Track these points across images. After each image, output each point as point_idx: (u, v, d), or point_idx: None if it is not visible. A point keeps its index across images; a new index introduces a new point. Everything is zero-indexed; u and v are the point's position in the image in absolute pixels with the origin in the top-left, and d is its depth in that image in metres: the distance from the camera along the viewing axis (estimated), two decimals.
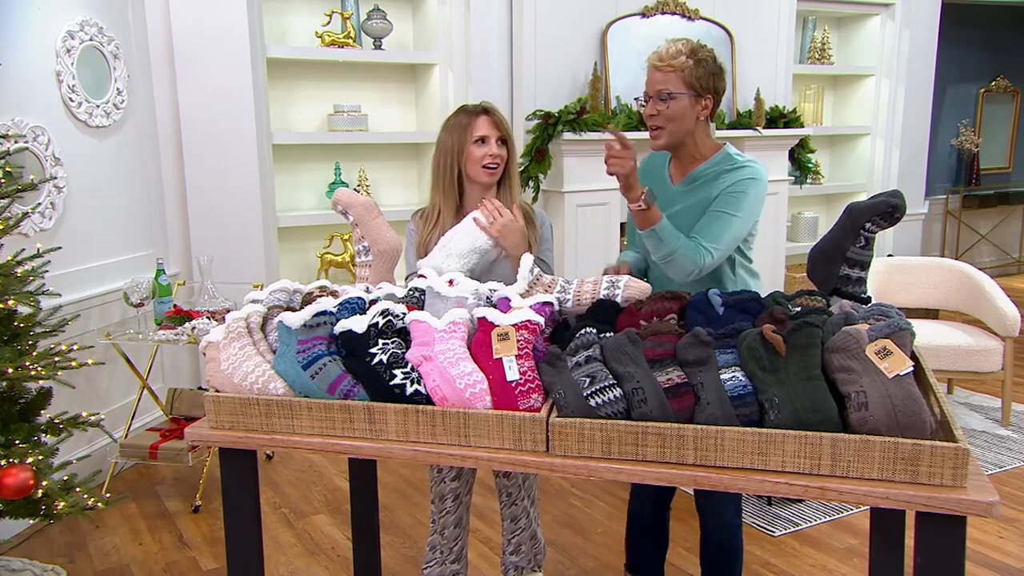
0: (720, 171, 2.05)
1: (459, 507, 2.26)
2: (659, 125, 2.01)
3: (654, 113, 2.00)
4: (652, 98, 2.00)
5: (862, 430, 1.36)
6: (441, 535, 2.27)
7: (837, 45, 5.99)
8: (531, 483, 2.33)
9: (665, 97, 1.98)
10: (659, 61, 1.99)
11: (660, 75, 1.98)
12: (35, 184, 2.40)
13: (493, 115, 2.10)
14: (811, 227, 5.88)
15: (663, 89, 1.98)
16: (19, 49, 3.00)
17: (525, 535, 2.34)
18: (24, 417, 2.25)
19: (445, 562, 2.29)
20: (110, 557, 2.88)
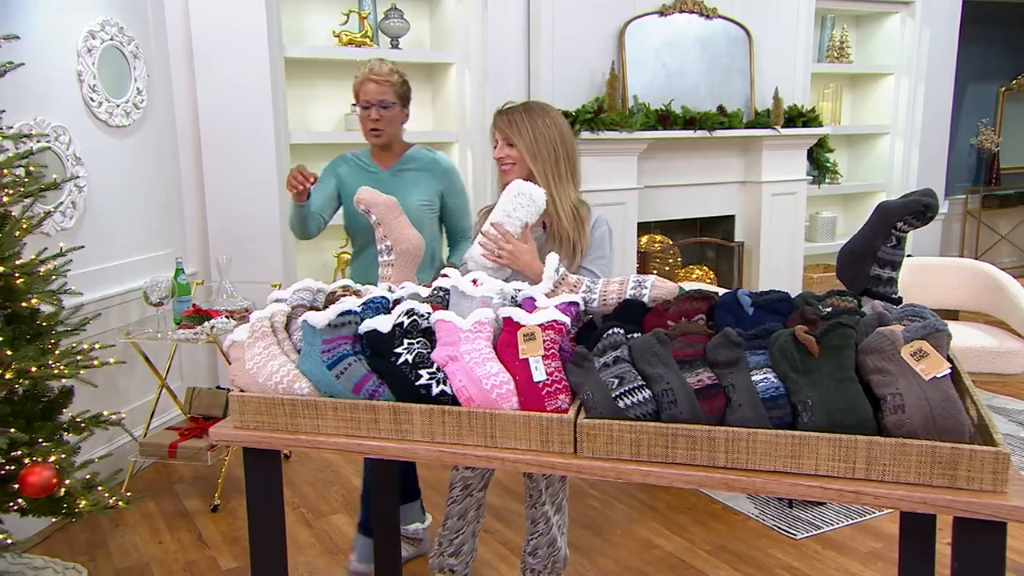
0: (428, 160, 2.56)
1: (466, 499, 2.27)
2: (381, 128, 2.45)
3: (378, 118, 2.43)
4: (374, 106, 2.42)
5: (898, 433, 1.33)
6: (444, 524, 2.31)
7: (856, 43, 5.94)
8: (556, 490, 2.30)
9: (388, 105, 2.43)
10: (377, 76, 2.41)
11: (379, 88, 2.41)
12: (58, 184, 2.40)
13: (496, 117, 2.19)
14: (829, 227, 5.84)
15: (384, 99, 2.42)
16: (41, 49, 3.01)
17: (542, 539, 2.31)
18: (47, 415, 2.25)
19: (443, 554, 2.30)
20: (130, 556, 2.88)
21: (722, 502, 3.22)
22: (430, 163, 2.55)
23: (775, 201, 5.02)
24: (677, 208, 4.89)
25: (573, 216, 2.14)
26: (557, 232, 2.13)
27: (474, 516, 2.30)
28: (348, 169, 2.54)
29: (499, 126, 2.17)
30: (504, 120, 2.16)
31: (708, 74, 4.75)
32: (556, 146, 2.13)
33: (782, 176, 5.03)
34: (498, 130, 2.18)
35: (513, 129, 2.13)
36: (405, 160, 2.53)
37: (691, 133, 4.59)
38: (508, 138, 2.15)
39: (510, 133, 2.14)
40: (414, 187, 2.49)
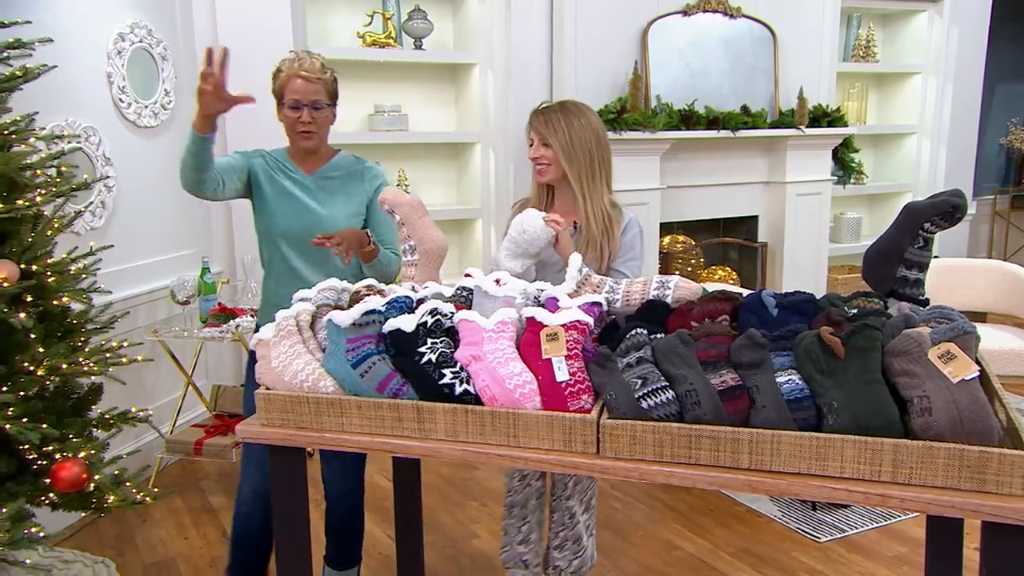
0: (357, 169, 2.32)
1: (525, 488, 2.29)
2: (313, 131, 2.20)
3: (310, 120, 2.17)
4: (306, 107, 2.16)
5: (925, 436, 1.32)
6: (509, 514, 2.34)
7: (882, 42, 5.87)
8: (584, 487, 2.30)
9: (321, 106, 2.19)
10: (308, 74, 2.15)
11: (311, 86, 2.15)
12: (88, 184, 2.44)
13: (534, 116, 2.19)
14: (854, 228, 5.78)
15: (317, 100, 2.18)
16: (73, 51, 3.06)
17: (567, 534, 2.31)
18: (77, 412, 2.29)
19: (513, 543, 2.33)
20: (157, 551, 2.93)
21: (745, 504, 3.21)
22: (359, 172, 2.31)
23: (799, 201, 4.98)
24: (700, 208, 4.87)
25: (603, 219, 2.15)
26: (585, 234, 2.13)
27: (536, 505, 2.32)
28: (266, 166, 2.27)
29: (535, 126, 2.16)
30: (540, 120, 2.16)
31: (732, 74, 4.72)
32: (591, 148, 2.14)
33: (806, 176, 4.99)
34: (534, 130, 2.17)
35: (549, 129, 2.13)
36: (332, 167, 2.29)
37: (714, 133, 4.57)
38: (544, 138, 2.15)
39: (546, 133, 2.14)
40: (343, 197, 2.27)
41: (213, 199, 2.19)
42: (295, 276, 2.21)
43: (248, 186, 2.24)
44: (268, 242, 2.26)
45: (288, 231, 2.21)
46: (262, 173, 2.25)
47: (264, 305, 2.34)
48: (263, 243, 2.29)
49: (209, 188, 2.12)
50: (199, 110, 1.96)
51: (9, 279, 2.02)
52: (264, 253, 2.30)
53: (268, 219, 2.23)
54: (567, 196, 2.20)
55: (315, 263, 2.22)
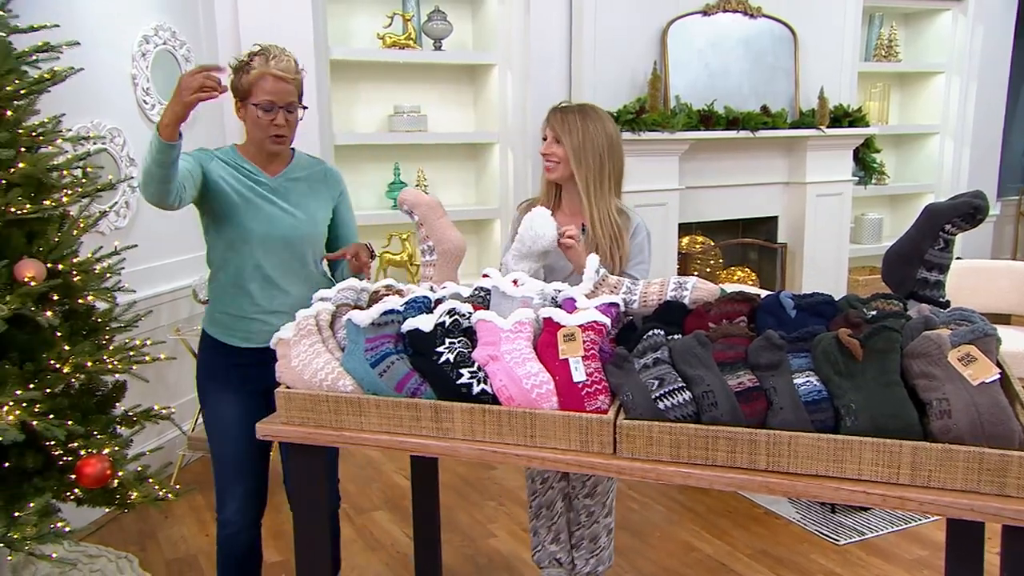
0: (320, 171, 2.20)
1: (548, 490, 2.31)
2: (286, 134, 2.04)
3: (283, 123, 2.01)
4: (281, 108, 2.00)
5: (944, 439, 1.31)
6: (537, 517, 2.36)
7: (905, 42, 5.81)
8: (604, 488, 2.30)
9: (293, 108, 2.03)
10: (284, 73, 1.98)
11: (286, 87, 1.99)
12: (113, 184, 2.48)
13: (551, 114, 2.20)
14: (875, 229, 5.73)
15: (292, 102, 2.03)
16: (99, 54, 3.10)
17: (583, 532, 2.34)
18: (101, 409, 2.32)
19: (544, 544, 2.36)
20: (178, 547, 2.96)
21: (764, 506, 3.19)
22: (322, 172, 2.20)
23: (819, 202, 4.95)
24: (719, 209, 4.85)
25: (611, 226, 2.15)
26: (592, 238, 2.13)
27: (563, 506, 2.34)
28: (225, 169, 2.05)
29: (551, 123, 2.18)
30: (557, 118, 2.17)
31: (752, 74, 4.70)
32: (603, 153, 2.14)
33: (827, 177, 4.95)
34: (550, 126, 2.18)
35: (564, 128, 2.15)
36: (295, 167, 2.13)
37: (734, 133, 4.54)
38: (557, 136, 2.16)
39: (560, 132, 2.15)
40: (313, 199, 2.13)
41: (173, 209, 1.95)
42: (270, 283, 2.05)
43: (201, 191, 2.02)
44: (236, 249, 2.04)
45: (266, 237, 2.03)
46: (226, 176, 2.04)
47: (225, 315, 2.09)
48: (228, 250, 2.06)
49: (175, 198, 1.90)
50: (176, 113, 1.77)
51: (36, 278, 2.05)
52: (228, 261, 2.06)
53: (239, 225, 2.02)
54: (575, 196, 2.20)
55: (291, 270, 2.08)
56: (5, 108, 2.12)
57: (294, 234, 2.06)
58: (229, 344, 2.08)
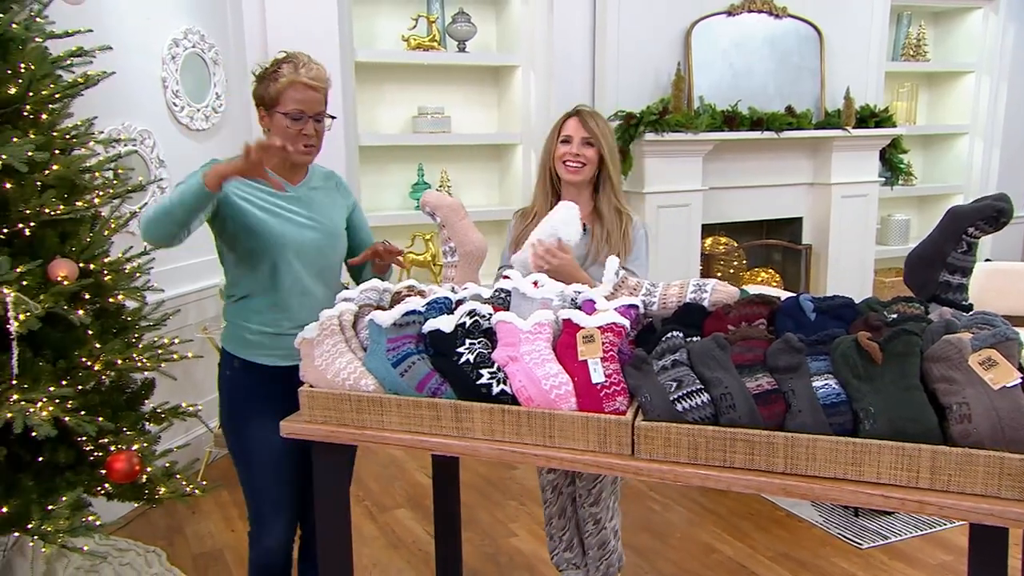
0: (333, 181, 2.13)
1: (560, 498, 2.33)
2: (315, 144, 1.98)
3: (312, 133, 1.94)
4: (311, 118, 1.93)
5: (964, 443, 1.31)
6: (549, 524, 2.38)
7: (934, 41, 5.74)
8: (607, 494, 2.30)
9: (321, 118, 1.96)
10: (316, 82, 1.92)
11: (315, 95, 1.92)
12: (143, 186, 2.53)
13: (582, 116, 2.18)
14: (902, 230, 5.67)
15: (321, 111, 1.95)
16: (129, 57, 3.17)
17: (592, 540, 2.33)
18: (130, 406, 2.37)
19: (559, 550, 2.39)
20: (205, 542, 3.02)
21: (785, 509, 3.18)
22: (335, 182, 2.14)
23: (845, 203, 4.91)
24: (743, 210, 4.83)
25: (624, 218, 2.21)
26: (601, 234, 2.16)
27: (572, 510, 2.36)
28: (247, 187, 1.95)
29: (587, 126, 2.16)
30: (592, 120, 2.17)
31: (776, 74, 4.68)
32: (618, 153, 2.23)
33: (853, 178, 4.91)
34: (584, 127, 2.16)
35: (599, 131, 2.16)
36: (312, 177, 2.06)
37: (758, 134, 4.52)
38: (592, 137, 2.15)
39: (597, 133, 2.15)
40: (332, 207, 2.08)
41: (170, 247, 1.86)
42: (307, 295, 1.97)
43: (220, 217, 1.93)
44: (269, 261, 1.94)
45: (300, 249, 1.96)
46: (249, 196, 1.94)
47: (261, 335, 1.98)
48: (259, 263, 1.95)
49: (181, 240, 1.83)
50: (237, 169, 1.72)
51: (69, 277, 2.10)
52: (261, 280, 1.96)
53: (269, 237, 1.93)
54: (580, 199, 2.19)
55: (324, 280, 2.03)
56: (40, 111, 2.18)
57: (326, 243, 2.02)
58: (267, 364, 1.96)
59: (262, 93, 1.94)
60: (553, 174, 2.23)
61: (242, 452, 2.02)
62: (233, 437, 2.03)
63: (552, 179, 2.24)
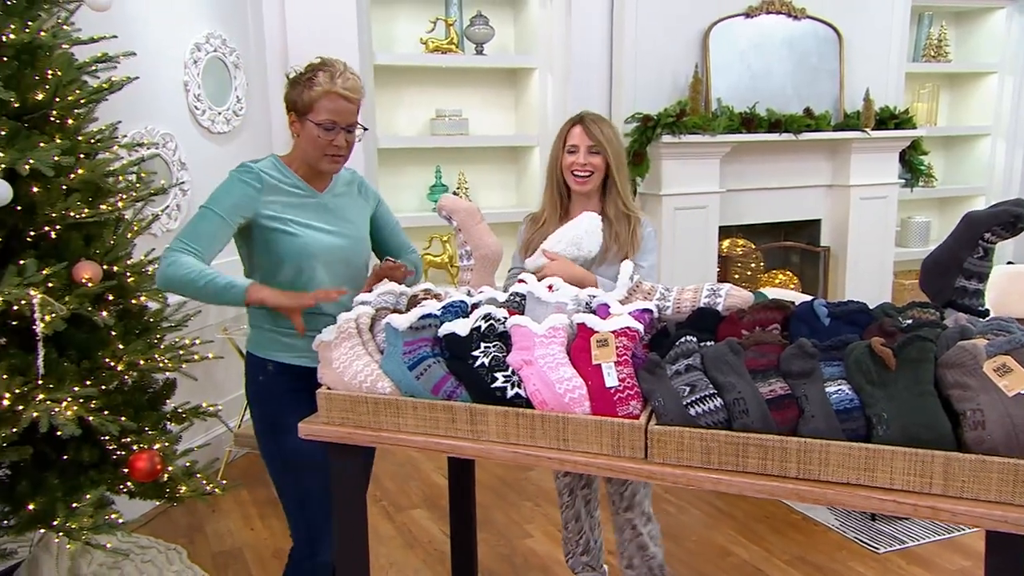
0: (356, 184, 2.11)
1: (576, 501, 2.32)
2: (344, 155, 1.95)
3: (343, 144, 1.92)
4: (343, 129, 1.90)
5: (978, 450, 1.31)
6: (565, 528, 2.37)
7: (955, 41, 5.69)
8: (641, 498, 2.25)
9: (353, 129, 1.93)
10: (351, 93, 1.89)
11: (349, 106, 1.89)
12: (166, 189, 2.57)
13: (585, 124, 2.14)
14: (922, 232, 5.62)
15: (353, 122, 1.92)
16: (152, 62, 3.22)
17: (631, 546, 2.27)
18: (152, 406, 2.42)
19: (574, 554, 2.38)
20: (224, 540, 3.06)
21: (802, 512, 3.17)
22: (357, 185, 2.11)
23: (864, 205, 4.88)
24: (761, 212, 4.82)
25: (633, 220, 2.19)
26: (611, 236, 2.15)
27: (586, 513, 2.35)
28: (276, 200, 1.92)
29: (591, 133, 2.12)
30: (596, 129, 2.13)
31: (795, 75, 4.66)
32: (625, 155, 2.22)
33: (872, 180, 4.88)
34: (588, 136, 2.12)
35: (604, 138, 2.12)
36: (338, 182, 2.04)
37: (776, 136, 4.51)
38: (597, 145, 2.12)
39: (603, 140, 2.12)
40: (358, 213, 2.07)
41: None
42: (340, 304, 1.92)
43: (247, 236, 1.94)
44: (298, 272, 1.93)
45: (329, 254, 1.95)
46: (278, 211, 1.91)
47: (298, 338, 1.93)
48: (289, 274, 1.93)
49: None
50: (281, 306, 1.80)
51: (93, 279, 2.15)
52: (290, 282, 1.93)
53: (298, 252, 1.91)
54: (589, 204, 2.18)
55: (353, 282, 2.01)
56: (66, 117, 2.23)
57: (352, 250, 2.02)
58: (304, 366, 1.92)
59: (295, 99, 1.90)
60: (561, 181, 2.20)
61: (290, 458, 1.94)
62: (274, 443, 1.96)
63: (560, 186, 2.21)
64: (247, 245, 1.96)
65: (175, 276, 1.79)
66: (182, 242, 1.83)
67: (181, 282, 1.79)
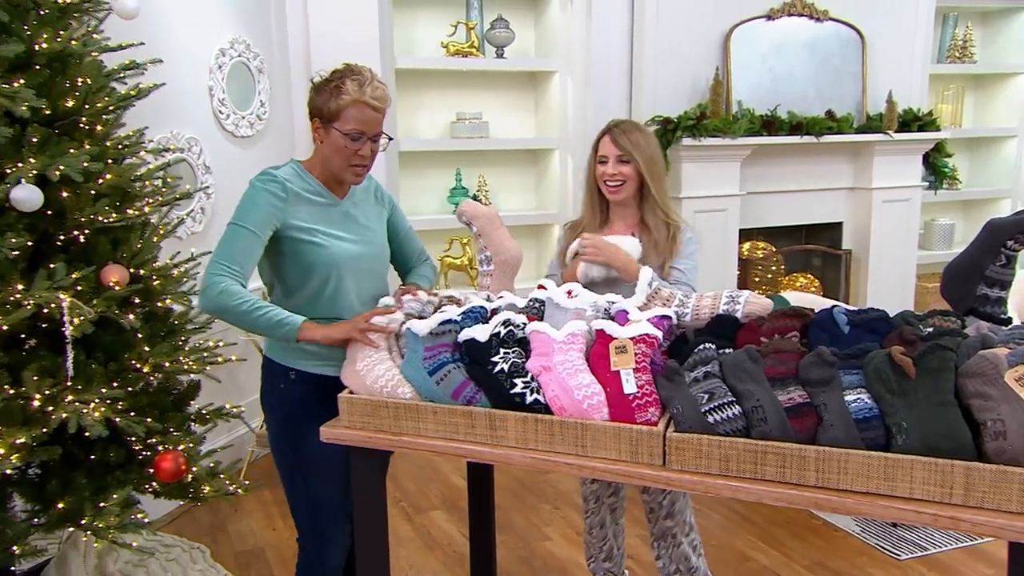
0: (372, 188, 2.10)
1: (601, 508, 2.30)
2: (368, 164, 1.94)
3: (368, 154, 1.91)
4: (370, 139, 1.90)
5: (999, 460, 1.30)
6: (589, 534, 2.35)
7: (981, 42, 5.62)
8: (682, 506, 2.21)
9: (378, 139, 1.92)
10: (379, 103, 1.88)
11: (376, 116, 1.89)
12: (191, 193, 2.61)
13: (613, 134, 2.14)
14: (946, 235, 5.56)
15: (380, 132, 1.92)
16: (178, 68, 3.27)
17: (674, 556, 2.22)
18: (177, 407, 2.45)
19: (598, 559, 2.36)
20: (247, 540, 3.10)
21: (822, 517, 3.16)
22: (371, 188, 2.10)
23: (886, 208, 4.84)
24: (781, 214, 4.79)
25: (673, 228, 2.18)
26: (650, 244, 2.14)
27: (611, 520, 2.33)
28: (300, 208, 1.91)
29: (619, 143, 2.11)
30: (624, 138, 2.11)
31: (817, 78, 4.63)
32: (663, 162, 2.19)
33: (894, 182, 4.84)
34: (616, 145, 2.11)
35: (633, 146, 2.11)
36: (354, 191, 2.03)
37: (797, 139, 4.49)
38: (626, 154, 2.10)
39: (631, 149, 2.10)
40: (376, 219, 2.07)
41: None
42: (365, 305, 1.96)
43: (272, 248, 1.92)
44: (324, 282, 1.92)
45: (355, 263, 1.96)
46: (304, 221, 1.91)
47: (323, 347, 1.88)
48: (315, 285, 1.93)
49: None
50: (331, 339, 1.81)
51: (120, 283, 2.18)
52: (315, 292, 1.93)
53: (326, 256, 1.91)
54: (627, 212, 2.19)
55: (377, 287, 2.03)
56: (95, 123, 2.26)
57: (374, 256, 2.03)
58: (326, 375, 1.92)
59: (321, 106, 1.87)
60: (597, 190, 2.20)
61: (304, 464, 1.96)
62: (291, 450, 1.97)
63: (597, 195, 2.20)
64: (272, 255, 1.94)
65: (227, 305, 1.78)
66: (222, 264, 1.81)
67: (234, 312, 1.78)
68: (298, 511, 2.03)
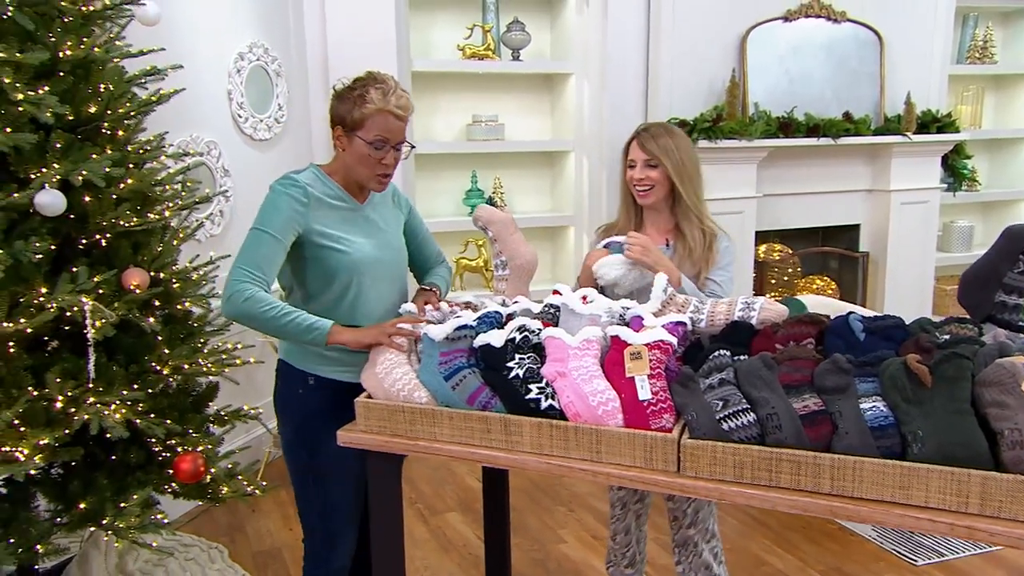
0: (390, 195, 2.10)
1: (627, 515, 2.29)
2: (391, 173, 1.95)
3: (391, 163, 1.92)
4: (392, 147, 1.90)
5: (1016, 470, 1.30)
6: (613, 540, 2.34)
7: (1002, 43, 5.57)
8: (705, 515, 2.20)
9: (400, 147, 1.92)
10: (403, 111, 1.89)
11: (400, 125, 1.90)
12: (210, 197, 2.64)
13: (640, 138, 2.12)
14: (965, 237, 5.51)
15: (403, 140, 1.92)
16: (198, 72, 3.29)
17: (695, 561, 2.20)
18: (196, 408, 2.48)
19: (619, 564, 2.35)
20: (264, 540, 3.13)
21: (838, 522, 3.14)
22: (391, 193, 2.10)
23: (904, 210, 4.81)
24: (798, 217, 4.77)
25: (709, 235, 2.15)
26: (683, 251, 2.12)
27: (636, 527, 2.32)
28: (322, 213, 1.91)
29: (646, 147, 2.08)
30: (652, 142, 2.09)
31: (834, 79, 4.61)
32: (696, 166, 2.13)
33: (913, 184, 4.81)
34: (643, 150, 2.09)
35: (661, 150, 2.08)
36: (373, 195, 2.03)
37: (814, 141, 4.47)
38: (653, 158, 2.08)
39: (658, 152, 2.07)
40: (394, 222, 2.07)
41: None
42: (387, 312, 1.97)
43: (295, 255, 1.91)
44: (346, 287, 1.92)
45: (377, 268, 1.96)
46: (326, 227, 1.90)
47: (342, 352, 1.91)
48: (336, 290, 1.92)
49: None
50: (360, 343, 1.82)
51: (141, 286, 2.21)
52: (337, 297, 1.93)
53: (348, 261, 1.90)
54: (660, 217, 2.16)
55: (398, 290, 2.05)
56: (117, 128, 2.29)
57: (394, 261, 2.03)
58: (345, 381, 1.92)
59: (344, 114, 1.87)
60: (630, 195, 2.18)
61: (319, 468, 1.97)
62: (307, 454, 1.98)
63: (631, 199, 2.18)
64: (293, 260, 1.92)
65: (254, 312, 1.78)
66: (245, 271, 1.80)
67: (261, 319, 1.79)
68: (308, 513, 2.04)
